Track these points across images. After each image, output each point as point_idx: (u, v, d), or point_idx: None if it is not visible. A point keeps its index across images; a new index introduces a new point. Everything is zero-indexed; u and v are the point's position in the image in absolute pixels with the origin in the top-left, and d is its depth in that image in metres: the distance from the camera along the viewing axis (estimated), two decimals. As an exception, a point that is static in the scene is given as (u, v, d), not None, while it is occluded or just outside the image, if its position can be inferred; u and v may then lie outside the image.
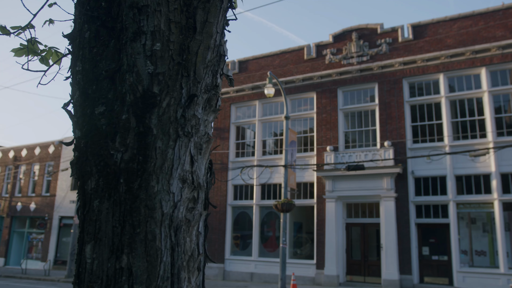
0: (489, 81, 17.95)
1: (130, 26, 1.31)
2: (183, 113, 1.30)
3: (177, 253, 1.24)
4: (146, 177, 1.21)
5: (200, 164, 1.37)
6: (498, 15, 18.16)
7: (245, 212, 22.51)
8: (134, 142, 1.23)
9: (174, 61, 1.31)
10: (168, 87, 1.29)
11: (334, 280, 18.62)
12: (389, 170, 18.30)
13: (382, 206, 18.53)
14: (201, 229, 1.36)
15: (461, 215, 17.74)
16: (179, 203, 1.27)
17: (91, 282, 1.15)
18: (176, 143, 1.27)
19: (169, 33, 1.31)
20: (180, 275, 1.24)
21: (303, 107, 22.01)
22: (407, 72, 19.43)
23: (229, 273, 21.84)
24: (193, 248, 1.31)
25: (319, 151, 20.57)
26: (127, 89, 1.28)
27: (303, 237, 21.32)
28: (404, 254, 17.90)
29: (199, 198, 1.36)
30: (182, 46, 1.33)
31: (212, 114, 1.45)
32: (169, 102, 1.28)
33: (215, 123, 23.93)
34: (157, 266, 1.17)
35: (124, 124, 1.25)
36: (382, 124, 19.45)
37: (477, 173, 17.49)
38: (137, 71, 1.28)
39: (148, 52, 1.29)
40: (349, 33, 21.18)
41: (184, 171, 1.30)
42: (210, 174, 1.47)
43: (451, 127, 18.37)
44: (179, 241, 1.26)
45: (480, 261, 17.14)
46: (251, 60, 23.81)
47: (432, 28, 19.42)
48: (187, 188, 1.31)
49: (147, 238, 1.17)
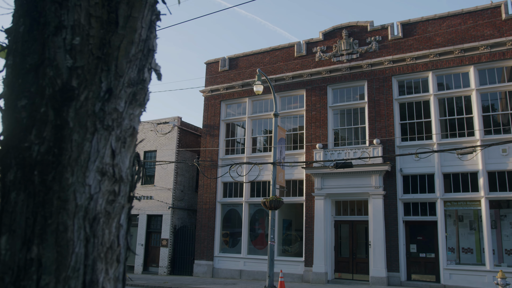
0: (477, 80, 18.07)
1: (52, 20, 1.33)
2: (102, 106, 1.32)
3: (92, 244, 1.25)
4: (60, 170, 1.22)
5: (123, 157, 1.39)
6: (487, 13, 18.27)
7: (235, 209, 22.55)
8: (51, 135, 1.25)
9: (94, 55, 1.32)
10: (87, 80, 1.30)
11: (322, 277, 18.71)
12: (377, 167, 18.39)
13: (370, 204, 18.62)
14: (122, 221, 1.38)
15: (449, 213, 17.88)
16: (97, 195, 1.28)
17: (3, 273, 1.17)
18: (94, 136, 1.29)
19: (89, 27, 1.32)
20: (95, 266, 1.26)
21: (293, 105, 22.05)
22: (396, 70, 19.52)
23: (218, 270, 21.88)
24: (112, 240, 1.33)
25: (308, 148, 20.63)
26: (47, 82, 1.29)
27: (292, 235, 21.40)
28: (392, 251, 18.01)
29: (121, 191, 1.37)
30: (103, 40, 1.34)
31: (139, 108, 1.46)
32: (88, 95, 1.30)
33: (205, 120, 23.92)
34: (68, 256, 1.19)
35: (42, 117, 1.26)
36: (371, 122, 19.53)
37: (464, 171, 17.62)
38: (57, 65, 1.30)
39: (68, 46, 1.31)
40: (339, 31, 21.22)
41: (103, 164, 1.31)
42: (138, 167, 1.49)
43: (440, 125, 18.49)
44: (96, 232, 1.27)
45: (467, 259, 17.29)
46: (241, 57, 23.80)
47: (421, 26, 19.50)
48: (108, 180, 1.32)
49: (59, 229, 1.19)
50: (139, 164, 1.50)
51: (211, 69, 24.63)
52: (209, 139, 23.55)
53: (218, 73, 24.23)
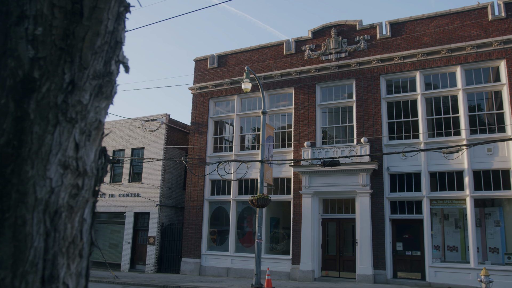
0: (463, 80, 18.23)
1: (14, 10, 1.30)
2: (64, 98, 1.29)
3: (53, 239, 1.23)
4: (20, 162, 1.20)
5: (88, 151, 1.37)
6: (474, 14, 18.43)
7: (222, 207, 22.52)
8: (11, 127, 1.22)
9: (57, 46, 1.30)
10: (49, 72, 1.28)
11: (309, 275, 18.77)
12: (365, 166, 18.48)
13: (357, 202, 18.71)
14: (86, 215, 1.35)
15: (435, 211, 18.03)
16: (59, 188, 1.26)
17: (-42, 268, 1.14)
18: (56, 128, 1.26)
19: (52, 17, 1.30)
20: (56, 260, 1.23)
21: (281, 103, 22.06)
22: (384, 69, 19.62)
23: (205, 268, 21.84)
24: (75, 235, 1.31)
25: (296, 146, 20.66)
26: (8, 73, 1.27)
27: (280, 233, 21.43)
28: (378, 249, 18.12)
29: (85, 184, 1.35)
30: (67, 31, 1.32)
31: (105, 101, 1.44)
32: (50, 87, 1.27)
33: (193, 117, 23.84)
34: (26, 251, 1.17)
35: (1, 108, 1.23)
36: (359, 121, 19.62)
37: (450, 170, 17.78)
38: (18, 56, 1.27)
39: (30, 37, 1.28)
40: (328, 29, 21.27)
41: (66, 157, 1.29)
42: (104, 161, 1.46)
43: (426, 124, 18.62)
44: (58, 226, 1.25)
45: (452, 256, 17.46)
46: (230, 55, 23.75)
47: (409, 26, 19.61)
48: (71, 174, 1.30)
49: (17, 223, 1.17)
50: (105, 158, 1.48)
51: (199, 67, 24.54)
52: (197, 137, 23.47)
53: (207, 70, 24.16)
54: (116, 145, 26.35)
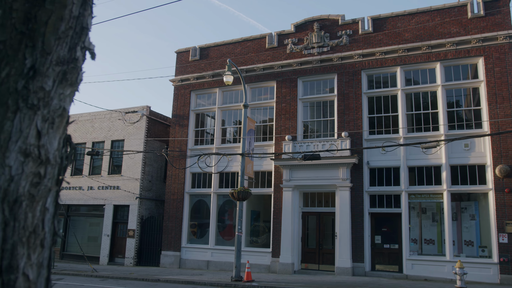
0: (443, 76, 18.49)
1: (-28, -9, 1.26)
2: (25, 84, 1.25)
3: (12, 228, 1.20)
4: (-23, 149, 1.16)
5: (51, 139, 1.33)
6: (454, 11, 18.67)
7: (203, 200, 22.47)
8: (-32, 113, 1.18)
9: (17, 30, 1.26)
10: (9, 56, 1.24)
11: (289, 268, 18.90)
12: (345, 160, 18.64)
13: (337, 196, 18.87)
14: (48, 205, 1.32)
15: (413, 205, 18.31)
16: (19, 176, 1.22)
17: None
18: (17, 115, 1.23)
19: (12, 0, 1.26)
20: (15, 250, 1.20)
21: (263, 96, 22.06)
22: (365, 64, 19.75)
23: (185, 261, 21.80)
24: (36, 224, 1.28)
25: (277, 140, 20.70)
26: (-33, 58, 1.22)
27: (260, 226, 21.50)
28: (357, 242, 18.34)
29: (48, 173, 1.32)
30: (28, 14, 1.28)
31: (70, 88, 1.40)
32: (9, 72, 1.23)
33: (174, 110, 23.66)
34: (-18, 241, 1.13)
35: (-42, 93, 1.19)
36: (340, 115, 19.74)
37: (428, 164, 18.06)
38: (-23, 39, 1.23)
39: (-12, 20, 1.24)
40: (310, 23, 21.29)
41: (27, 145, 1.25)
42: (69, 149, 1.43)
43: (406, 119, 18.85)
44: (18, 216, 1.22)
45: (429, 249, 17.78)
46: (213, 47, 23.60)
47: (391, 22, 19.76)
48: (32, 162, 1.27)
49: (-27, 212, 1.13)
50: (70, 146, 1.44)
51: (181, 59, 24.33)
52: (178, 129, 23.32)
53: (189, 62, 23.97)
54: (95, 137, 26.01)
